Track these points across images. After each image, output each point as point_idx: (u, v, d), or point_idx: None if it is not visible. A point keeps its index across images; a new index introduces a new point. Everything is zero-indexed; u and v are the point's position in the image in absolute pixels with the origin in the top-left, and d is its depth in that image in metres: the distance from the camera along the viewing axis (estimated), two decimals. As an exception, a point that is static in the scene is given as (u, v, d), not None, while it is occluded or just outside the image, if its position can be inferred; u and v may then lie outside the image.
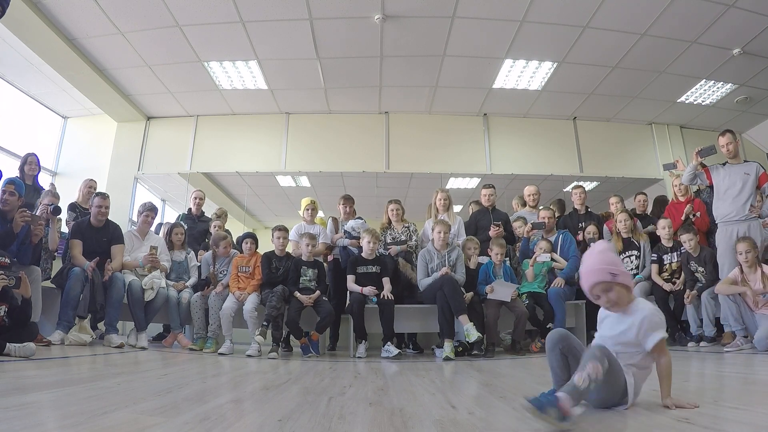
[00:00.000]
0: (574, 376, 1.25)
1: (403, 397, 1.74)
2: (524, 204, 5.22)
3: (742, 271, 3.51)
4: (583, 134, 7.06)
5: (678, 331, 4.21)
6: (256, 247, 4.33)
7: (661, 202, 5.29)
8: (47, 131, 6.69)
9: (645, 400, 1.49)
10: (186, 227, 4.72)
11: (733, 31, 4.89)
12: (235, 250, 4.45)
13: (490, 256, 4.16)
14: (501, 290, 3.86)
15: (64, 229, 4.39)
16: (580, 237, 4.66)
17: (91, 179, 4.99)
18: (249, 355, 3.54)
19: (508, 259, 4.47)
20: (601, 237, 4.61)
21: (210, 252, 4.43)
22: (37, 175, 4.46)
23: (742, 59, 5.35)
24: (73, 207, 4.68)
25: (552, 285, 4.10)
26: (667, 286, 4.08)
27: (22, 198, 3.52)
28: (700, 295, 3.83)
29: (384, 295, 3.82)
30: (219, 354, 3.69)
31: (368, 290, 3.86)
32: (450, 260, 4.01)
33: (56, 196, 4.29)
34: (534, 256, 4.21)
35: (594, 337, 1.51)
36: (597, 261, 1.44)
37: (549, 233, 4.46)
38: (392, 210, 4.54)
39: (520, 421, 1.27)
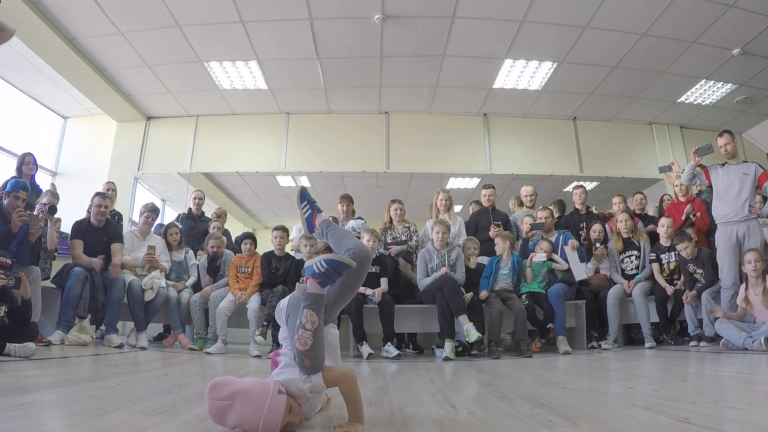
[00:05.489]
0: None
1: (403, 397, 1.73)
2: (521, 204, 5.22)
3: (747, 286, 3.50)
4: (583, 134, 7.06)
5: (671, 331, 4.21)
6: (255, 248, 4.32)
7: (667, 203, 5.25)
8: (47, 131, 6.68)
9: (645, 400, 1.49)
10: (181, 227, 4.72)
11: (733, 31, 4.89)
12: (230, 251, 4.44)
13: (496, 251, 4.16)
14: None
15: (64, 229, 4.39)
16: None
17: (110, 182, 5.07)
18: (256, 356, 3.54)
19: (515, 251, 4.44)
20: (606, 236, 4.61)
21: (205, 257, 4.43)
22: (34, 175, 4.46)
23: (742, 59, 5.35)
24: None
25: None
26: (670, 289, 4.08)
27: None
28: (700, 295, 3.84)
29: (378, 294, 3.81)
30: (207, 353, 3.68)
31: (371, 291, 3.83)
32: (450, 260, 4.00)
33: (56, 196, 4.28)
34: (531, 256, 4.21)
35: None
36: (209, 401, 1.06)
37: (548, 233, 4.46)
38: (395, 210, 4.55)
39: (520, 421, 1.27)
